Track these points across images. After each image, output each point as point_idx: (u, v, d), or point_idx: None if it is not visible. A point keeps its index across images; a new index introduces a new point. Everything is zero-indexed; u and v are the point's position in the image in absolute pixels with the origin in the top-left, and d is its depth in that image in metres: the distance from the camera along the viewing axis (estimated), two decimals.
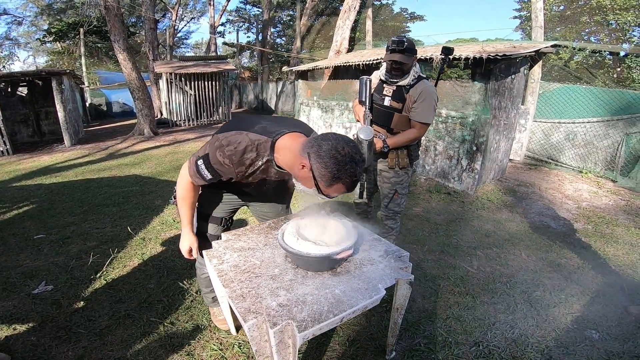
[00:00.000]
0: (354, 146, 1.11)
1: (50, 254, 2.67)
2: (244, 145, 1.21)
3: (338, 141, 1.10)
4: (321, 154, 1.09)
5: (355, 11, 7.91)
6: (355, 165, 1.09)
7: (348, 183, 1.11)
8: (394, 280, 1.26)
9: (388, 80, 2.13)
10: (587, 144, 5.25)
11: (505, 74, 4.20)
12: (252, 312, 1.08)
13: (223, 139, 1.22)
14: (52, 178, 4.97)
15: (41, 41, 21.12)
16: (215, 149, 1.23)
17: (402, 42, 1.97)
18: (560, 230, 3.29)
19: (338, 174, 1.08)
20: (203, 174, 1.29)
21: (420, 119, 2.09)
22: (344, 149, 1.08)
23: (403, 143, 2.15)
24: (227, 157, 1.22)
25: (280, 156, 1.24)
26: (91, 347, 1.74)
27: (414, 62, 2.07)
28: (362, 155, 1.13)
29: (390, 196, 2.33)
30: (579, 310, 2.12)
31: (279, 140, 1.24)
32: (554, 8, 13.00)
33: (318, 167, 1.10)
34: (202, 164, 1.27)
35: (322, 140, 1.11)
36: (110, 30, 8.00)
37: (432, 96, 2.06)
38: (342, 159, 1.07)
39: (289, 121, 1.40)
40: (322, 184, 1.13)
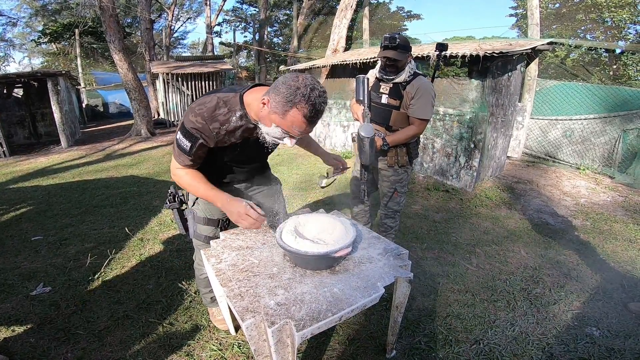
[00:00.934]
0: (311, 77, 1.12)
1: (48, 256, 2.65)
2: (214, 103, 1.24)
3: (294, 73, 1.11)
4: (277, 85, 1.11)
5: (352, 10, 7.90)
6: (311, 91, 1.07)
7: (304, 109, 1.08)
8: (393, 279, 1.26)
9: (384, 78, 2.12)
10: (584, 140, 5.26)
11: (502, 71, 4.21)
12: (250, 311, 1.08)
13: (194, 103, 1.26)
14: (49, 179, 4.94)
15: (36, 42, 21.01)
16: (188, 114, 1.25)
17: (394, 38, 1.95)
18: (558, 227, 3.29)
19: (290, 97, 1.07)
20: (183, 145, 1.26)
21: (419, 115, 2.08)
22: (297, 77, 1.08)
23: (403, 140, 2.13)
24: (199, 115, 1.23)
25: (251, 110, 1.26)
26: (90, 348, 1.73)
27: (408, 59, 2.06)
28: (322, 87, 1.13)
29: (390, 195, 2.32)
30: (579, 307, 2.12)
31: (247, 94, 1.26)
32: (549, 6, 13.04)
33: (273, 97, 1.11)
34: (180, 136, 1.26)
35: (282, 77, 1.13)
36: (105, 31, 7.96)
37: (429, 92, 2.05)
38: (294, 83, 1.07)
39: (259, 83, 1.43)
40: (278, 115, 1.12)
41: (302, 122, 1.12)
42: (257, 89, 1.28)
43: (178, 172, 1.36)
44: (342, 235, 1.31)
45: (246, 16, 21.98)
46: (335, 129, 6.55)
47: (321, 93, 1.10)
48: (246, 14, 21.96)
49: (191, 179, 1.35)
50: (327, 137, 6.78)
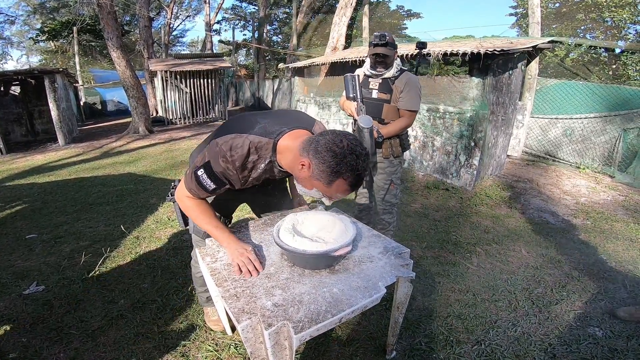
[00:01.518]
0: (354, 139, 1.05)
1: (42, 254, 2.61)
2: (246, 149, 1.15)
3: (336, 135, 1.04)
4: (319, 149, 1.03)
5: (352, 7, 7.84)
6: (357, 158, 1.02)
7: (350, 178, 1.04)
8: (395, 278, 1.22)
9: (373, 74, 2.25)
10: (584, 139, 5.24)
11: (503, 69, 4.17)
12: (246, 312, 1.04)
13: (223, 144, 1.15)
14: (45, 177, 4.89)
15: (34, 40, 20.87)
16: (216, 155, 1.15)
17: (383, 36, 2.11)
18: (559, 226, 3.26)
19: (337, 168, 1.02)
20: (205, 184, 1.19)
21: (409, 107, 2.21)
22: (342, 142, 1.02)
23: (396, 132, 2.25)
24: (230, 163, 1.15)
25: (283, 157, 1.19)
26: (83, 348, 1.69)
27: (395, 56, 2.20)
28: (365, 148, 1.07)
29: (386, 187, 2.38)
30: (581, 307, 2.09)
31: (281, 141, 1.18)
32: (549, 5, 13.01)
33: (316, 163, 1.04)
34: (203, 173, 1.17)
35: (320, 136, 1.06)
36: (103, 28, 7.90)
37: (416, 85, 2.20)
38: (340, 151, 1.01)
39: (288, 115, 1.34)
40: (322, 183, 1.07)
41: (347, 190, 1.08)
42: (292, 134, 1.19)
43: (187, 202, 1.29)
44: (342, 233, 1.28)
45: (245, 14, 21.87)
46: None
47: (365, 157, 1.05)
48: (245, 12, 21.86)
49: (201, 212, 1.30)
50: None
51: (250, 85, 17.06)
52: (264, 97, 15.39)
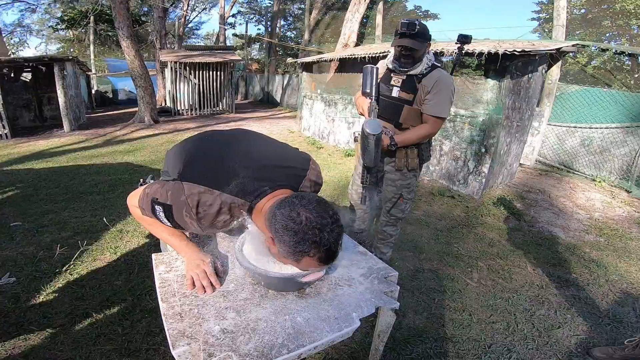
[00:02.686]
0: (316, 207, 0.87)
1: (21, 243, 2.50)
2: (215, 209, 0.99)
3: (293, 206, 0.88)
4: (276, 227, 0.88)
5: (365, 4, 7.61)
6: (320, 232, 0.85)
7: (317, 255, 0.87)
8: (373, 309, 1.04)
9: (397, 69, 1.86)
10: (603, 151, 4.93)
11: (522, 72, 3.91)
12: (186, 336, 0.88)
13: (189, 197, 0.97)
14: (43, 163, 4.83)
15: (54, 29, 21.22)
16: (180, 207, 0.99)
17: (413, 24, 1.69)
18: (570, 242, 3.04)
19: (299, 248, 0.85)
20: (161, 219, 1.04)
21: (435, 113, 1.82)
22: (299, 215, 0.85)
23: (413, 141, 1.88)
24: (196, 220, 0.99)
25: (258, 220, 1.02)
26: (40, 345, 1.57)
27: (427, 50, 1.81)
28: (333, 215, 0.89)
29: (394, 201, 2.08)
30: (586, 331, 1.92)
31: (258, 204, 1.01)
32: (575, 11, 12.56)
33: (278, 242, 0.89)
34: (161, 211, 1.02)
35: (277, 209, 0.90)
36: (115, 18, 7.87)
37: (448, 87, 1.79)
38: (298, 228, 0.84)
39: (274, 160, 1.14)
40: (290, 262, 0.92)
41: (318, 266, 0.92)
42: (271, 196, 1.01)
43: (137, 212, 1.12)
44: None
45: (260, 8, 21.78)
46: (339, 125, 6.32)
47: (333, 228, 0.87)
48: (260, 6, 21.76)
49: (154, 222, 1.11)
50: (330, 133, 6.56)
51: (260, 79, 16.96)
52: (273, 91, 15.27)
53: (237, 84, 17.02)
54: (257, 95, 17.21)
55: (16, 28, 22.67)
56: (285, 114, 11.87)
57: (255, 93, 17.51)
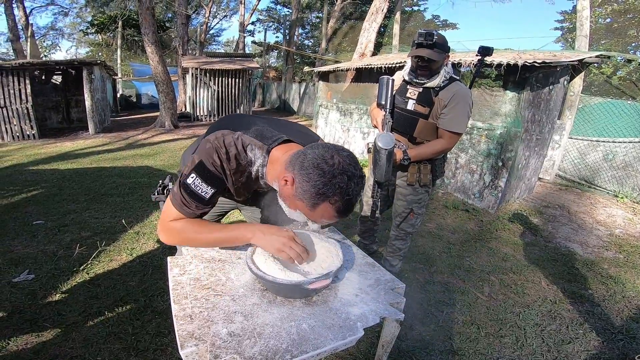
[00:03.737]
0: (348, 156, 0.88)
1: (42, 241, 2.62)
2: (240, 147, 1.00)
3: (327, 149, 0.87)
4: (305, 165, 0.86)
5: (383, 14, 7.67)
6: (348, 180, 0.84)
7: (337, 203, 0.86)
8: (378, 319, 1.05)
9: (413, 80, 1.83)
10: (626, 166, 4.77)
11: (543, 84, 3.83)
12: (194, 337, 0.91)
13: (216, 140, 0.99)
14: (68, 164, 5.04)
15: (84, 32, 22.16)
16: (209, 152, 0.98)
17: (431, 35, 1.65)
18: (587, 258, 2.96)
19: (324, 189, 0.84)
20: (200, 191, 0.99)
21: (451, 128, 1.78)
22: (332, 158, 0.85)
23: (427, 156, 1.85)
24: (225, 162, 1.00)
25: (271, 169, 1.02)
26: (51, 342, 1.63)
27: (445, 62, 1.77)
28: (361, 169, 0.89)
29: (405, 215, 2.07)
30: (597, 347, 1.87)
31: (274, 150, 1.02)
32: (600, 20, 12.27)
33: (300, 180, 0.87)
34: (195, 178, 0.98)
35: (309, 149, 0.90)
36: (141, 23, 8.19)
37: (466, 100, 1.76)
38: (329, 169, 0.84)
39: (290, 127, 1.19)
40: (305, 204, 0.89)
41: (333, 216, 0.91)
42: (286, 146, 1.03)
43: (176, 226, 1.05)
44: (324, 262, 1.12)
45: (279, 17, 22.21)
46: (355, 135, 6.34)
47: (358, 180, 0.87)
48: (279, 15, 22.20)
49: (198, 226, 1.06)
50: (345, 142, 6.59)
51: (277, 87, 17.21)
52: (290, 100, 15.45)
53: (255, 92, 17.32)
54: (274, 103, 17.48)
55: (49, 31, 23.79)
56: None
57: (272, 101, 17.78)
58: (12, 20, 14.02)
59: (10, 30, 14.12)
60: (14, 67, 6.81)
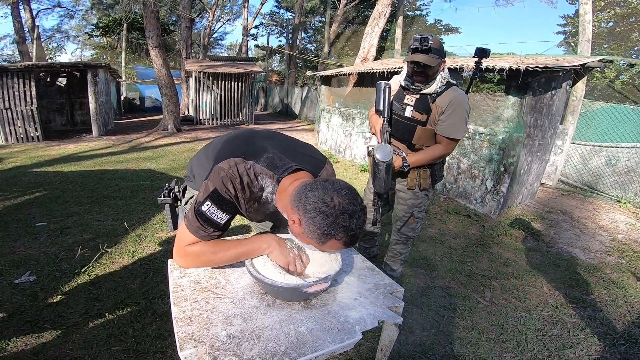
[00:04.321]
0: (347, 194, 0.92)
1: (45, 243, 2.63)
2: (252, 176, 1.06)
3: (326, 190, 0.91)
4: (307, 209, 0.91)
5: (385, 18, 7.71)
6: (350, 218, 0.90)
7: (343, 239, 0.92)
8: (377, 323, 1.05)
9: (410, 87, 1.83)
10: (629, 171, 4.75)
11: (545, 88, 3.83)
12: (194, 339, 0.91)
13: (229, 169, 1.03)
14: (71, 166, 5.07)
15: (89, 35, 22.35)
16: (224, 181, 1.03)
17: (426, 39, 1.64)
18: (589, 263, 2.94)
19: (328, 230, 0.90)
20: (215, 218, 1.03)
21: (448, 134, 1.78)
22: (332, 200, 0.90)
23: (426, 162, 1.86)
24: (240, 191, 1.05)
25: (280, 199, 1.07)
26: (51, 343, 1.64)
27: (441, 67, 1.76)
28: (361, 203, 0.94)
29: (405, 220, 2.07)
30: (599, 351, 1.87)
31: (284, 180, 1.07)
32: (602, 24, 12.27)
33: (306, 223, 0.92)
34: (210, 206, 1.02)
35: (309, 191, 0.93)
36: (145, 26, 8.25)
37: (463, 106, 1.74)
38: (331, 212, 0.89)
39: (299, 148, 1.22)
40: (314, 241, 0.95)
41: (342, 248, 0.97)
42: (294, 176, 1.07)
43: (194, 249, 1.09)
44: (323, 265, 1.13)
45: (282, 21, 22.34)
46: (357, 139, 6.35)
47: (361, 214, 0.92)
48: (282, 19, 22.33)
49: (215, 247, 1.10)
50: (347, 147, 6.60)
51: (279, 91, 17.27)
52: (292, 104, 15.50)
53: (257, 95, 17.39)
54: (276, 107, 17.53)
55: (54, 33, 23.98)
56: (304, 126, 12.02)
57: (274, 104, 17.84)
58: (19, 22, 14.17)
59: (16, 32, 14.26)
60: (20, 69, 6.86)
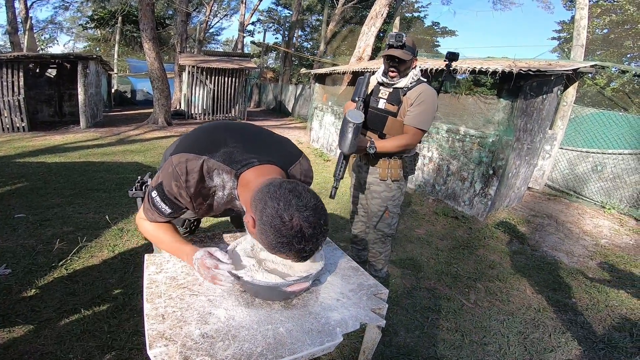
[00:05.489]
0: (310, 215, 0.82)
1: (23, 236, 2.55)
2: (200, 174, 1.00)
3: (288, 205, 0.81)
4: (263, 220, 0.83)
5: (382, 18, 7.69)
6: (305, 242, 0.82)
7: (292, 258, 0.87)
8: (358, 325, 1.03)
9: (384, 81, 1.95)
10: (615, 177, 4.82)
11: (537, 93, 3.84)
12: (165, 337, 0.88)
13: (177, 165, 0.99)
14: (56, 157, 4.95)
15: (83, 27, 21.94)
16: (169, 177, 1.00)
17: (400, 36, 1.78)
18: (572, 267, 2.98)
19: (278, 247, 0.84)
20: (161, 208, 1.04)
21: (415, 124, 1.88)
22: (291, 220, 0.80)
23: (392, 149, 1.93)
24: (184, 189, 1.00)
25: (242, 192, 0.99)
26: (22, 338, 1.58)
27: (413, 64, 1.90)
28: (323, 225, 0.85)
29: (380, 214, 2.08)
30: (579, 355, 1.89)
31: (245, 174, 0.99)
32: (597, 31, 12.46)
33: (259, 230, 0.86)
34: (156, 195, 1.03)
35: (270, 199, 0.84)
36: (140, 19, 8.12)
37: (431, 100, 1.87)
38: (286, 232, 0.80)
39: (268, 142, 1.16)
40: (264, 246, 0.89)
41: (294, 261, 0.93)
42: (260, 169, 1.00)
43: (145, 225, 1.15)
44: (304, 264, 1.10)
45: (279, 18, 22.23)
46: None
47: (319, 237, 0.84)
48: (280, 16, 22.22)
49: (157, 233, 1.14)
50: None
51: (273, 88, 17.18)
52: (286, 101, 15.43)
53: (251, 92, 17.28)
54: (269, 104, 17.43)
55: (48, 25, 23.44)
56: (296, 124, 11.96)
57: (267, 101, 17.74)
58: (12, 12, 13.83)
59: (9, 23, 13.92)
60: (9, 60, 6.71)
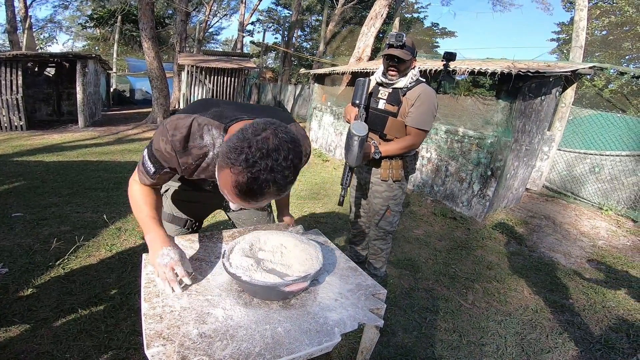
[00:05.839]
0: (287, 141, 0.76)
1: (20, 235, 2.54)
2: (189, 130, 0.98)
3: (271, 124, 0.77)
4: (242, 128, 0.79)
5: (382, 19, 7.69)
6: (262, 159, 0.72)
7: (238, 176, 0.74)
8: (357, 325, 1.03)
9: (384, 82, 1.96)
10: (612, 179, 4.84)
11: (535, 94, 3.84)
12: (162, 337, 0.87)
13: (169, 123, 1.00)
14: (53, 156, 4.93)
15: (83, 26, 21.87)
16: (159, 135, 1.02)
17: (400, 36, 1.79)
18: (570, 268, 2.99)
19: (231, 153, 0.74)
20: (147, 165, 1.06)
21: (417, 124, 1.89)
22: (265, 131, 0.75)
23: (396, 151, 1.95)
24: (170, 143, 0.98)
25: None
26: (18, 337, 1.58)
27: (413, 64, 1.92)
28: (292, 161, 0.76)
29: (382, 213, 2.11)
30: (575, 356, 1.89)
31: (234, 126, 0.98)
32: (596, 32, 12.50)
33: (224, 144, 0.79)
34: (146, 154, 1.06)
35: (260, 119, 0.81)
36: (140, 18, 8.10)
37: (431, 100, 1.88)
38: (251, 137, 0.74)
39: (260, 109, 1.17)
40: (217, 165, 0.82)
41: (231, 191, 0.78)
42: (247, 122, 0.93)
43: (133, 186, 1.14)
44: (302, 264, 1.10)
45: (279, 18, 22.22)
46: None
47: (276, 166, 0.73)
48: (279, 16, 22.21)
49: (140, 198, 1.12)
50: (337, 146, 6.58)
51: (272, 87, 17.18)
52: (285, 101, 15.43)
53: (250, 92, 17.27)
54: (268, 104, 17.42)
55: (47, 23, 23.33)
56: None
57: (267, 101, 17.74)
58: (12, 11, 13.78)
59: (8, 22, 13.87)
60: (7, 58, 6.70)
